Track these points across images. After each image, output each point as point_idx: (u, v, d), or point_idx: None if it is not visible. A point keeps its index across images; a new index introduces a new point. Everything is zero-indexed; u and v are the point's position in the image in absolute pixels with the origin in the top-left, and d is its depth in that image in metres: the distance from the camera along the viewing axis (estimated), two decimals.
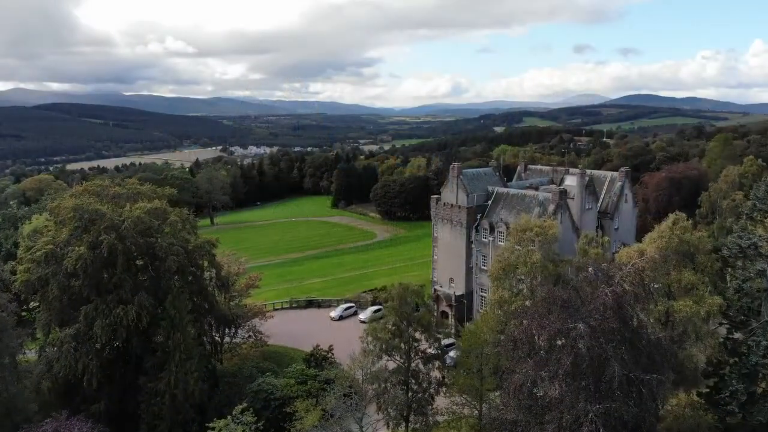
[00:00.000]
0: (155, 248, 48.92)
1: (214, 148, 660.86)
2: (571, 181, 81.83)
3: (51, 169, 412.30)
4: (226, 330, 63.23)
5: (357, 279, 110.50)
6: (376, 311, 79.85)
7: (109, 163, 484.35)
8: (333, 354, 61.91)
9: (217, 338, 62.67)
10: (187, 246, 51.63)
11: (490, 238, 71.38)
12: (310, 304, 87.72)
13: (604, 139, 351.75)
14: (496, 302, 45.14)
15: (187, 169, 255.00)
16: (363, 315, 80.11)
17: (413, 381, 46.07)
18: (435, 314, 75.65)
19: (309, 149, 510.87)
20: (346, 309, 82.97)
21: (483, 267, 72.88)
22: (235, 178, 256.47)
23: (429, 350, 46.88)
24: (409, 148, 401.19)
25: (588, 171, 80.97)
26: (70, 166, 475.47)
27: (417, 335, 46.54)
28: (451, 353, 60.44)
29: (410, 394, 46.15)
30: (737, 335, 42.75)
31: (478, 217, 73.43)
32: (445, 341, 67.40)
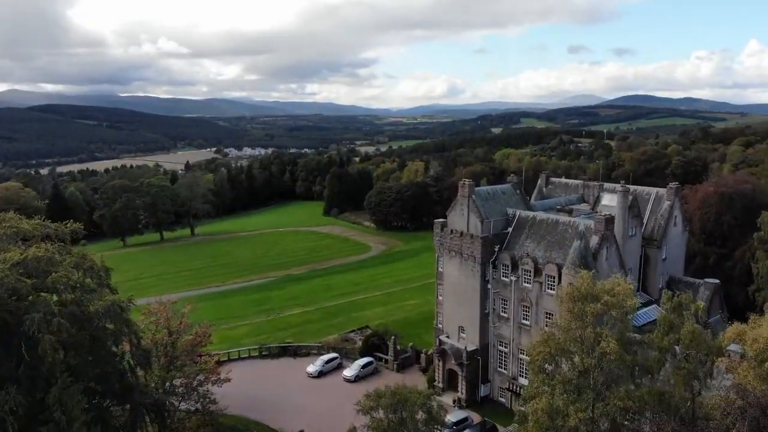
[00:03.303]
0: (24, 322, 32.61)
1: (208, 149, 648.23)
2: (608, 201, 65.93)
3: (45, 172, 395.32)
4: (165, 409, 46.89)
5: (345, 309, 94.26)
6: (365, 365, 63.69)
7: (101, 165, 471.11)
8: None
9: (148, 423, 46.29)
10: (84, 312, 35.47)
11: (513, 278, 55.10)
12: (283, 351, 70.75)
13: (605, 141, 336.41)
14: (544, 413, 28.90)
15: (169, 175, 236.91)
16: (349, 371, 63.21)
17: None
18: (439, 373, 59.71)
19: (304, 151, 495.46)
20: (328, 362, 65.37)
21: (503, 314, 56.62)
22: (222, 183, 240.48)
23: None
24: (406, 150, 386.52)
25: (631, 188, 64.73)
26: (61, 168, 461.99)
27: None
28: None
29: None
30: None
31: (496, 249, 57.04)
32: (453, 416, 51.80)
